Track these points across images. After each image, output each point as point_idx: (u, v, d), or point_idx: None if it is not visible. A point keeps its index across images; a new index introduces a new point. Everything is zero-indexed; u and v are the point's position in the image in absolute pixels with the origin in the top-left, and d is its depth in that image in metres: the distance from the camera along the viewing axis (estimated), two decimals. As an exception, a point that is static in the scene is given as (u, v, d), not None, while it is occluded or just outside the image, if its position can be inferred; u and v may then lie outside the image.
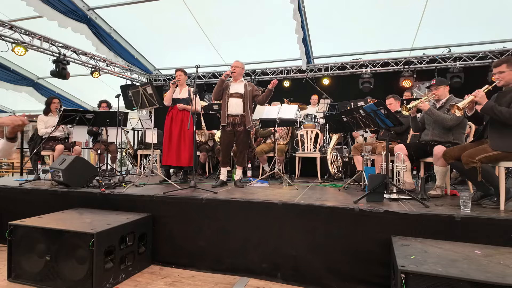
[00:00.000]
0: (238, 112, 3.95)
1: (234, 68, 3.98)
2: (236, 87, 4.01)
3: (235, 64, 4.03)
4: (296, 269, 2.69)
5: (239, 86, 4.02)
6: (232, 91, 3.99)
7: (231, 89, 4.01)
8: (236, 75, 4.00)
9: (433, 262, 1.87)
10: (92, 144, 5.56)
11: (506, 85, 2.66)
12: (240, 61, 4.10)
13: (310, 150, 5.15)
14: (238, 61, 4.08)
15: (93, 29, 6.56)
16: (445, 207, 2.65)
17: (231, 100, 3.97)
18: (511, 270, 1.77)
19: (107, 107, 5.48)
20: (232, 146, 4.17)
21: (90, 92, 9.62)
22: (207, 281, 2.72)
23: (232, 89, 4.01)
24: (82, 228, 2.55)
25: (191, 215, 3.04)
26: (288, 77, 8.08)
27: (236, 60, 4.07)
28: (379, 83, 7.18)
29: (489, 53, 6.67)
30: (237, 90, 3.99)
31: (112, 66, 7.93)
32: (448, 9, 5.80)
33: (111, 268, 2.56)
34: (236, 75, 4.00)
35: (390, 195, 2.98)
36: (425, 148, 3.35)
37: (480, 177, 2.60)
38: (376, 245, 2.48)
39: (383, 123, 3.09)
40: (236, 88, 4.01)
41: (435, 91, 3.38)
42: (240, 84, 4.03)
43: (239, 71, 4.02)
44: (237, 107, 3.95)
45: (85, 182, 3.69)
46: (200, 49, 7.62)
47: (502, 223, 2.29)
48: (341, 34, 6.88)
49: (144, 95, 3.81)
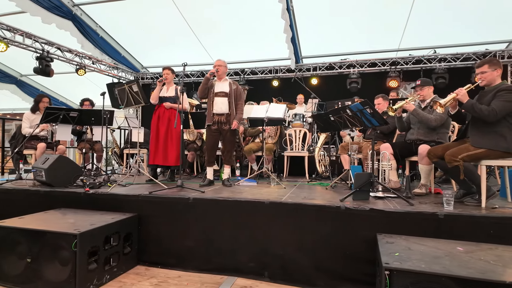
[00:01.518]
0: (223, 111, 3.93)
1: (217, 67, 3.93)
2: (221, 86, 3.99)
3: (217, 63, 3.97)
4: (283, 267, 2.70)
5: (224, 85, 3.99)
6: (217, 90, 3.97)
7: (216, 88, 3.98)
8: (220, 73, 3.96)
9: (416, 259, 1.90)
10: (77, 143, 5.44)
11: (488, 85, 2.73)
12: (222, 60, 4.05)
13: (298, 149, 5.17)
14: (221, 59, 4.03)
15: (78, 26, 6.42)
16: (429, 205, 2.70)
17: (216, 99, 3.94)
18: (491, 266, 1.81)
19: (90, 105, 5.36)
20: (217, 145, 4.14)
21: (76, 90, 9.41)
22: (194, 281, 2.70)
23: (217, 88, 3.98)
24: (65, 228, 2.49)
25: (178, 215, 3.01)
26: (277, 76, 8.10)
27: (219, 59, 4.02)
28: (367, 83, 7.27)
29: (473, 55, 6.84)
30: (222, 89, 3.97)
31: (98, 64, 7.78)
32: (433, 11, 5.92)
33: (95, 269, 2.51)
34: (220, 73, 3.96)
35: (375, 193, 3.02)
36: (410, 147, 3.41)
37: (462, 176, 2.66)
38: (362, 243, 2.51)
39: (369, 122, 3.13)
40: (221, 87, 3.98)
41: (420, 92, 3.44)
42: (224, 83, 4.01)
43: (222, 69, 3.98)
44: (222, 106, 3.93)
45: (68, 182, 3.61)
46: (188, 47, 7.55)
47: (483, 220, 2.35)
48: (329, 35, 6.94)
49: (130, 93, 3.75)
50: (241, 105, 4.03)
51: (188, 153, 5.32)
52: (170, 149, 4.16)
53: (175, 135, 4.15)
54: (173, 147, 4.16)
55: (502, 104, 2.54)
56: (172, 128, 4.11)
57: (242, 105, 4.05)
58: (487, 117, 2.55)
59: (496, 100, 2.58)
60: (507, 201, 2.95)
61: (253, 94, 7.80)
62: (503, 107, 2.54)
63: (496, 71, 2.67)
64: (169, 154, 4.16)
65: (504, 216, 2.34)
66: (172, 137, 4.18)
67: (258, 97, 6.58)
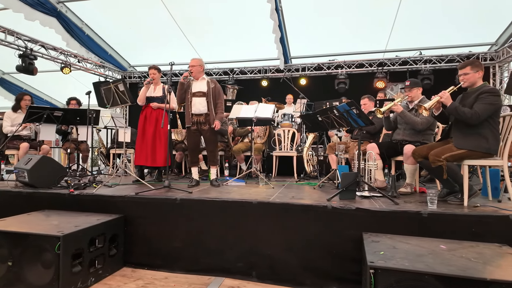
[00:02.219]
0: (202, 111, 3.85)
1: (190, 68, 3.84)
2: (198, 86, 3.89)
3: (191, 62, 3.86)
4: (271, 267, 2.70)
5: (202, 84, 3.89)
6: (195, 90, 3.87)
7: (193, 88, 3.88)
8: (195, 73, 3.86)
9: (401, 257, 1.93)
10: (62, 143, 5.33)
11: (470, 86, 2.79)
12: (197, 58, 3.92)
13: (287, 149, 5.19)
14: (195, 58, 3.91)
15: (63, 23, 6.29)
16: (413, 204, 2.75)
17: (194, 99, 3.85)
18: (472, 263, 1.86)
19: (76, 104, 5.26)
20: (199, 146, 4.09)
21: (61, 89, 9.21)
22: (181, 282, 2.68)
23: (194, 88, 3.88)
24: (48, 230, 2.44)
25: (165, 216, 2.98)
26: (266, 76, 8.12)
27: (193, 58, 3.90)
28: (354, 84, 7.36)
29: (457, 56, 7.01)
30: (200, 88, 3.87)
31: (84, 62, 7.64)
32: (419, 14, 6.04)
33: (79, 272, 2.46)
34: (195, 73, 3.86)
35: (362, 192, 3.06)
36: (396, 147, 3.46)
37: (445, 175, 2.72)
38: (349, 242, 2.53)
39: (355, 122, 3.16)
40: (198, 86, 3.88)
41: (409, 93, 3.49)
42: (202, 82, 3.90)
43: (196, 69, 3.86)
44: (200, 106, 3.85)
45: (52, 183, 3.53)
46: (177, 46, 7.48)
47: (465, 218, 2.40)
48: (317, 35, 6.99)
49: (116, 92, 3.69)
50: (221, 103, 3.92)
51: (176, 153, 5.28)
52: (158, 150, 4.11)
53: (163, 135, 4.10)
54: (160, 147, 4.10)
55: (484, 107, 2.60)
56: (160, 128, 4.06)
57: (222, 104, 3.94)
58: (470, 120, 2.61)
59: (479, 102, 2.64)
60: (488, 199, 3.03)
61: (242, 94, 7.80)
62: (485, 109, 2.60)
63: (478, 73, 2.74)
64: (156, 155, 4.10)
65: (485, 214, 2.40)
66: (160, 137, 4.13)
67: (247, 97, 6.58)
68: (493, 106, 2.61)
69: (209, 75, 8.37)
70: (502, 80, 6.91)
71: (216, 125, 3.81)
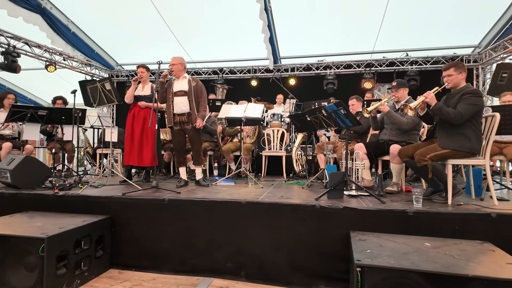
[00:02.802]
0: (184, 111, 3.80)
1: (171, 67, 3.78)
2: (179, 85, 3.83)
3: (171, 61, 3.79)
4: (260, 267, 2.71)
5: (183, 83, 3.83)
6: (176, 89, 3.81)
7: (174, 87, 3.82)
8: (176, 72, 3.80)
9: (387, 255, 1.97)
10: (46, 143, 5.20)
11: (454, 87, 2.86)
12: (178, 57, 3.84)
13: (276, 149, 5.21)
14: (175, 57, 3.84)
15: (48, 20, 6.14)
16: (399, 203, 2.80)
17: (176, 99, 3.79)
18: (456, 260, 1.90)
19: (63, 104, 5.14)
20: (184, 145, 4.03)
21: (46, 87, 9.00)
22: (169, 283, 2.66)
23: (175, 87, 3.82)
24: (31, 232, 2.38)
25: (152, 216, 2.95)
26: (256, 76, 8.12)
27: (173, 57, 3.83)
28: (342, 85, 7.44)
29: (442, 58, 7.16)
30: (181, 87, 3.81)
31: (69, 60, 7.48)
32: (406, 16, 6.15)
33: (64, 274, 2.41)
34: (176, 72, 3.80)
35: (349, 191, 3.10)
36: (383, 147, 3.52)
37: (430, 174, 2.78)
38: (337, 241, 2.56)
39: (343, 122, 3.20)
40: (179, 85, 3.82)
41: (395, 93, 3.56)
42: (183, 81, 3.84)
43: (177, 68, 3.80)
44: (182, 106, 3.79)
45: (36, 184, 3.45)
46: (165, 45, 7.40)
47: (449, 216, 2.46)
48: (306, 36, 7.04)
49: (102, 91, 3.63)
50: (203, 102, 3.85)
51: (165, 153, 5.23)
52: (145, 150, 4.06)
53: (151, 135, 4.05)
54: (148, 147, 4.05)
55: (467, 107, 2.67)
56: (148, 128, 4.01)
57: (204, 102, 3.88)
58: (454, 120, 2.68)
59: (462, 103, 2.71)
60: (471, 198, 3.11)
61: (232, 94, 7.79)
62: (468, 110, 2.67)
63: (461, 74, 2.81)
64: (144, 155, 4.06)
65: (468, 212, 2.46)
66: (147, 137, 4.08)
67: (237, 96, 6.57)
68: (475, 106, 2.68)
69: (198, 75, 8.33)
70: (485, 82, 7.11)
71: (198, 124, 3.75)
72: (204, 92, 3.91)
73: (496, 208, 2.54)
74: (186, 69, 3.95)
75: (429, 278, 1.75)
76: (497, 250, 2.11)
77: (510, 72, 5.97)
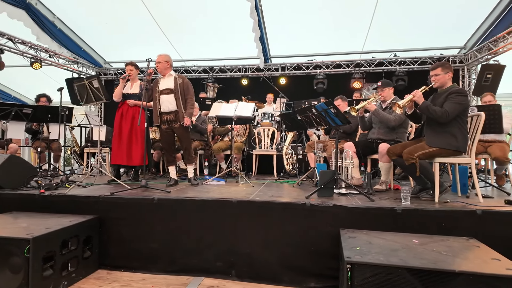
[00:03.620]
0: (171, 109, 3.74)
1: (156, 64, 3.72)
2: (165, 83, 3.77)
3: (157, 59, 3.73)
4: (250, 266, 2.71)
5: (169, 81, 3.77)
6: (162, 87, 3.76)
7: (160, 85, 3.77)
8: (161, 70, 3.75)
9: (376, 252, 1.99)
10: (32, 141, 5.08)
11: (441, 87, 2.92)
12: (163, 54, 3.77)
13: (267, 148, 5.22)
14: (161, 54, 3.77)
15: (33, 16, 5.98)
16: (388, 201, 2.84)
17: (162, 97, 3.74)
18: (443, 256, 1.94)
19: (47, 101, 5.02)
20: (173, 143, 3.98)
21: (31, 85, 8.78)
22: (159, 283, 2.63)
23: (161, 85, 3.77)
24: (16, 233, 2.32)
25: (141, 216, 2.91)
26: (246, 75, 8.11)
27: (159, 54, 3.77)
28: (332, 84, 7.50)
29: (429, 59, 7.30)
30: (167, 85, 3.75)
31: (56, 58, 7.31)
32: (394, 17, 6.23)
33: (50, 276, 2.36)
34: (161, 70, 3.75)
35: (339, 190, 3.13)
36: (372, 145, 3.57)
37: (418, 172, 2.83)
38: (327, 239, 2.58)
39: (333, 121, 3.22)
40: (165, 83, 3.77)
41: (381, 93, 3.61)
42: (169, 79, 3.78)
43: (162, 65, 3.74)
44: (169, 104, 3.73)
45: (21, 183, 3.36)
46: (155, 43, 7.31)
47: (436, 213, 2.51)
48: (297, 35, 7.05)
49: (90, 89, 3.56)
50: (190, 99, 3.79)
51: (154, 152, 5.17)
52: (134, 148, 4.00)
53: (140, 134, 3.99)
54: (137, 146, 4.00)
55: (453, 106, 2.73)
56: (136, 127, 3.96)
57: (192, 99, 3.82)
58: (440, 118, 2.73)
59: (448, 102, 2.77)
60: (457, 195, 3.18)
61: (222, 93, 7.76)
62: (454, 108, 2.73)
63: (447, 74, 2.87)
64: (133, 154, 4.00)
65: (454, 209, 2.52)
66: (136, 136, 4.02)
67: (228, 95, 6.55)
68: (461, 105, 2.74)
69: (188, 73, 8.27)
70: (470, 82, 7.27)
71: (186, 122, 3.70)
72: (191, 89, 3.84)
73: (481, 205, 2.60)
74: (173, 67, 3.90)
75: (417, 274, 1.78)
76: (482, 246, 2.16)
77: (494, 73, 6.13)
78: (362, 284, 1.84)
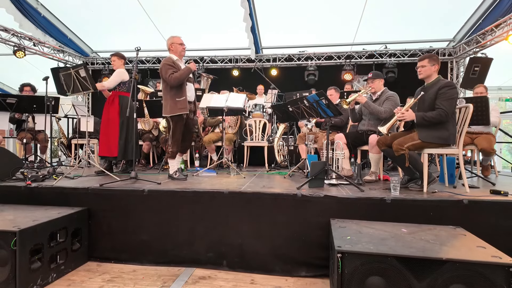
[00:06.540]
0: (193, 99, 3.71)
1: (183, 46, 3.73)
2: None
3: (182, 41, 3.71)
4: (241, 256, 2.72)
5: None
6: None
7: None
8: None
9: (366, 241, 2.02)
10: (16, 132, 4.94)
11: (427, 78, 2.95)
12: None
13: (258, 139, 5.20)
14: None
15: (15, 2, 5.75)
16: (378, 191, 2.88)
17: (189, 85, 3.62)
18: (430, 244, 1.99)
19: (31, 91, 4.87)
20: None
21: (15, 74, 8.50)
22: (150, 275, 2.62)
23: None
24: (2, 226, 2.27)
25: (131, 208, 2.88)
26: (237, 66, 8.03)
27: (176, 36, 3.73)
28: (323, 76, 7.51)
29: (418, 51, 7.36)
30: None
31: (40, 46, 7.07)
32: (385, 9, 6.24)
33: (38, 268, 2.32)
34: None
35: (330, 180, 3.15)
36: (362, 137, 3.60)
37: (407, 163, 2.87)
38: (317, 229, 2.61)
39: (324, 113, 3.23)
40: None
41: (371, 84, 3.62)
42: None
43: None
44: (193, 93, 3.71)
45: (6, 175, 3.28)
46: (143, 32, 7.14)
47: (424, 203, 2.56)
48: (288, 26, 7.00)
49: (76, 78, 3.46)
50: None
51: (143, 143, 5.10)
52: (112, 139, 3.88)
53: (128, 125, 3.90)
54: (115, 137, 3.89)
55: (449, 103, 2.75)
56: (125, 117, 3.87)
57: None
58: (440, 120, 2.75)
59: (441, 99, 2.77)
60: (445, 185, 3.25)
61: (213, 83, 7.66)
62: (450, 104, 2.75)
63: (434, 67, 2.90)
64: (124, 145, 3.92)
65: (441, 199, 2.57)
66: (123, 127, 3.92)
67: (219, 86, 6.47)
68: (454, 99, 2.78)
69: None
70: (459, 75, 7.37)
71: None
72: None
73: (468, 195, 2.67)
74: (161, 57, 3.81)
75: (406, 262, 1.81)
76: (468, 234, 2.22)
77: (481, 66, 6.22)
78: (352, 273, 1.87)
